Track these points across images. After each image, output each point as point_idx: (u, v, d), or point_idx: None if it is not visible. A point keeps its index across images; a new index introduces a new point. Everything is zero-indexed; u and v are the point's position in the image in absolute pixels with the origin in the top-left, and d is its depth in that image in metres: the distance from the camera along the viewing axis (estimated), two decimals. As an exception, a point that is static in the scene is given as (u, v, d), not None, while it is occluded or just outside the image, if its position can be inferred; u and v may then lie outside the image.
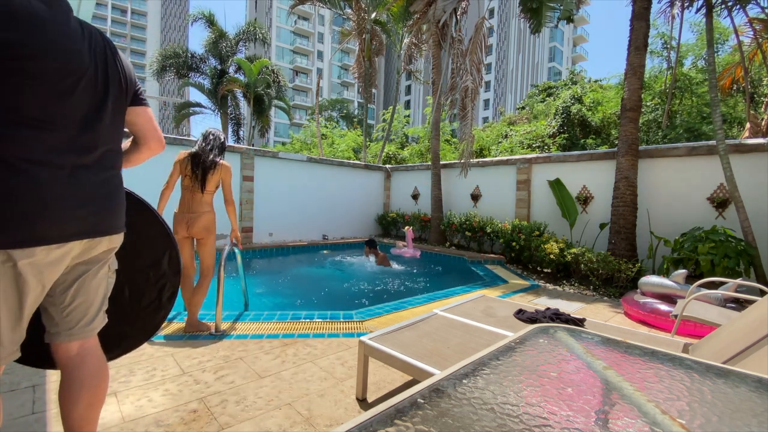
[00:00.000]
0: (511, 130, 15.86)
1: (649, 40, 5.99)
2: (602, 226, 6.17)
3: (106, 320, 1.38)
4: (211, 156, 3.04)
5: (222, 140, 3.17)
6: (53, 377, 2.23)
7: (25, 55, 1.03)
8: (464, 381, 0.67)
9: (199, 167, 3.00)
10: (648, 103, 12.53)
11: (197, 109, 20.32)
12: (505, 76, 51.34)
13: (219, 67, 19.24)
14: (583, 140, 12.98)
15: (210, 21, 18.61)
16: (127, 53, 62.96)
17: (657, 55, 14.75)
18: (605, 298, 4.91)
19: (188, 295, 3.10)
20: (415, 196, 10.17)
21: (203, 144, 3.09)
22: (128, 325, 1.65)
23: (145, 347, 2.69)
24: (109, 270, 1.36)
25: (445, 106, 8.84)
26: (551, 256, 5.81)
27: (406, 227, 8.40)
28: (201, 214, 3.02)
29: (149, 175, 3.92)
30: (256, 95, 19.06)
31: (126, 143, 1.48)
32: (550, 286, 5.42)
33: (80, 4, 3.06)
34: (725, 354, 1.62)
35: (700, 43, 14.70)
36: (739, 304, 3.54)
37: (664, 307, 3.78)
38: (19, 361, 1.30)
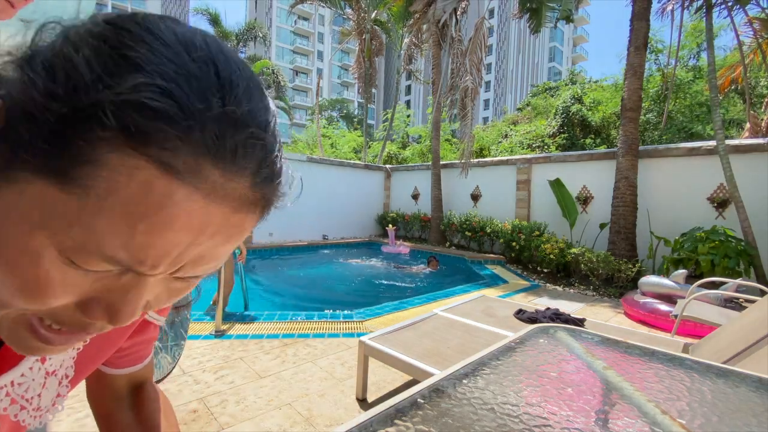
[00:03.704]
0: (511, 129, 15.87)
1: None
2: (602, 226, 6.17)
3: None
4: None
5: None
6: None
7: None
8: (464, 381, 0.67)
9: None
10: (642, 105, 12.57)
11: (198, 109, 20.29)
12: (505, 76, 51.23)
13: (220, 67, 19.25)
14: (582, 140, 12.99)
15: (215, 21, 18.60)
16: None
17: (650, 56, 14.69)
18: (605, 298, 4.91)
19: None
20: (415, 196, 10.17)
21: None
22: None
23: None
24: None
25: (445, 105, 8.84)
26: (551, 256, 5.81)
27: (389, 226, 8.42)
28: None
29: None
30: (256, 95, 19.06)
31: None
32: (550, 286, 5.42)
33: (80, 4, 3.07)
34: (725, 354, 1.62)
35: (692, 42, 14.61)
36: (739, 304, 3.54)
37: (664, 307, 3.78)
38: None
